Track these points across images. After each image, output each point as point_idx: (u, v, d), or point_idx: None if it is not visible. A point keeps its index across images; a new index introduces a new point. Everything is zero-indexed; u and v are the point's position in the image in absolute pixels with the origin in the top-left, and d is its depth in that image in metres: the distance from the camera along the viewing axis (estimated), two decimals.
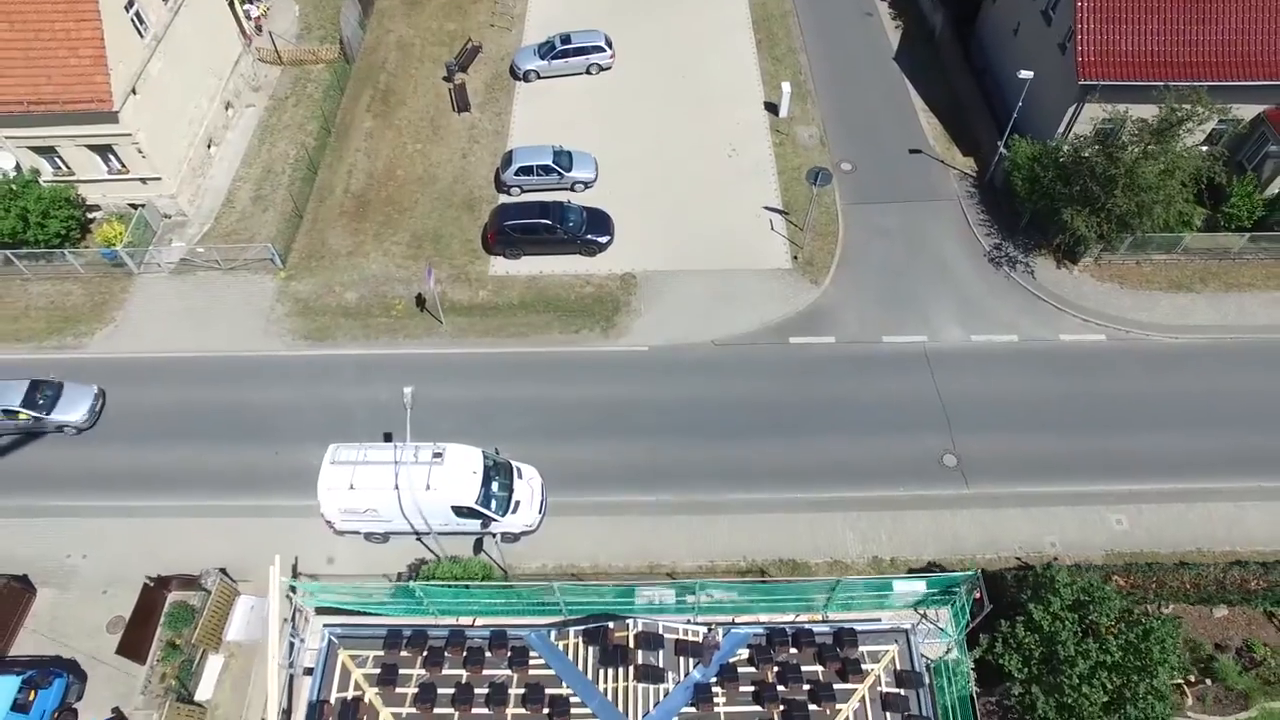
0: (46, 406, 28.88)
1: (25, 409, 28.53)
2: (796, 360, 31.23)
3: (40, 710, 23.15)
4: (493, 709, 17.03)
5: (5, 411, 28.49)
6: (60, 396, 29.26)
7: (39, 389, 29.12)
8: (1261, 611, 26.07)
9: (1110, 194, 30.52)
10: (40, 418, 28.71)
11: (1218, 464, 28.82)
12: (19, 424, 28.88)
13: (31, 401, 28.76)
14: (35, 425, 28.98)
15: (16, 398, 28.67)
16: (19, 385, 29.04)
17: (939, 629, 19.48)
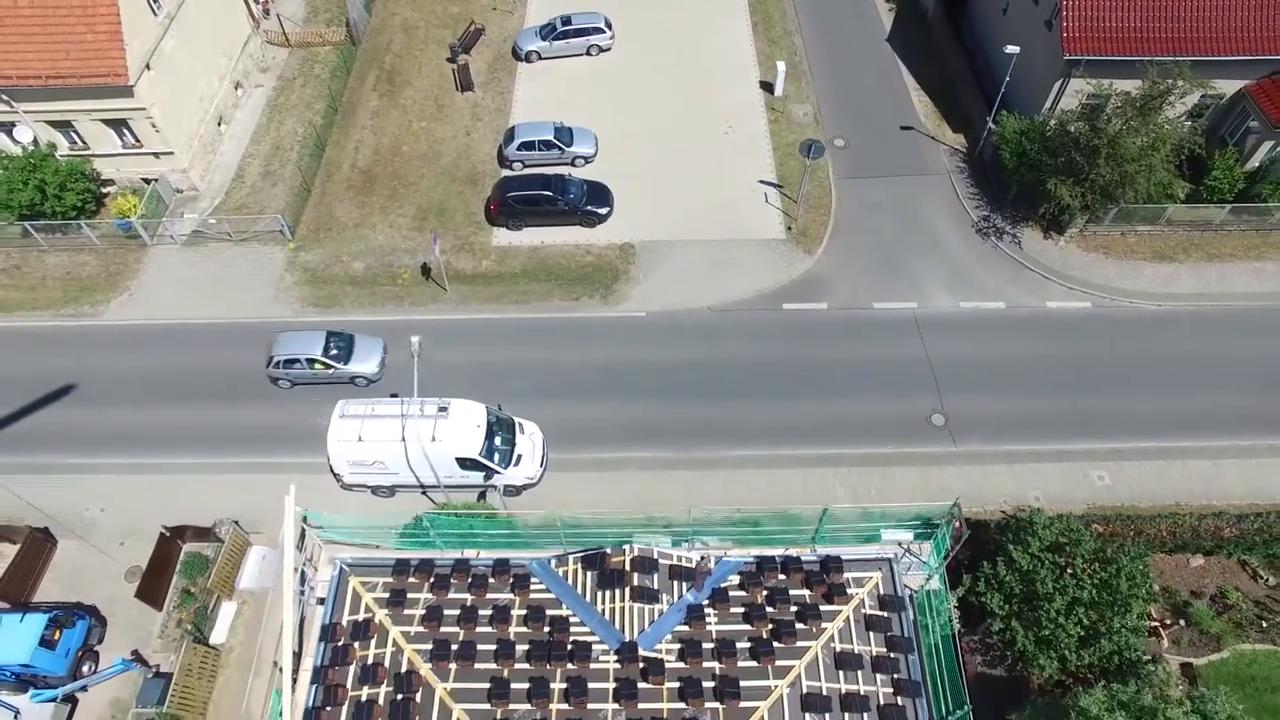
0: (342, 357, 29.66)
1: (325, 359, 29.29)
2: (790, 325, 32.22)
3: (65, 648, 24.15)
4: (496, 628, 18.03)
5: (309, 360, 29.32)
6: (353, 348, 30.00)
7: (333, 340, 29.87)
8: (1235, 560, 27.00)
9: (1094, 164, 31.49)
10: (337, 368, 29.47)
11: (1197, 424, 29.77)
12: (316, 374, 29.60)
13: (329, 352, 29.53)
14: (332, 375, 29.65)
15: (318, 348, 29.44)
16: (318, 335, 29.83)
17: (921, 562, 20.44)
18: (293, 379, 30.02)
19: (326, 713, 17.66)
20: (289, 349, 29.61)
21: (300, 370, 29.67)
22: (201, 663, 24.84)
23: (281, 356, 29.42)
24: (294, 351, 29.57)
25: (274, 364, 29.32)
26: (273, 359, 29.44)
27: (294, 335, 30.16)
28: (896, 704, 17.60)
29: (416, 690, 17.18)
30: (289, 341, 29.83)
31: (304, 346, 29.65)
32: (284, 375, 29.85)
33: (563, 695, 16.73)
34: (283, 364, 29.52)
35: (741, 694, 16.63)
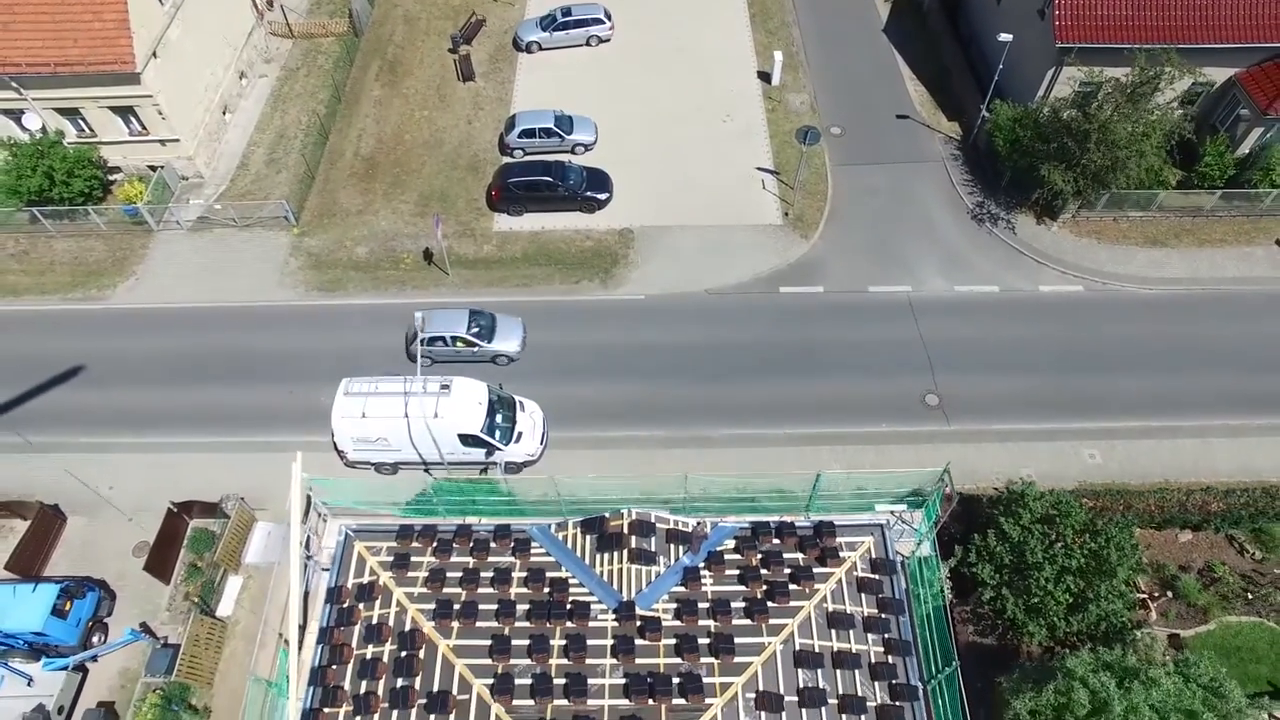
0: (485, 335, 30.03)
1: (469, 337, 29.72)
2: (786, 308, 32.73)
3: (76, 618, 24.67)
4: (497, 589, 18.53)
5: (454, 338, 29.70)
6: (495, 327, 30.39)
7: (476, 319, 30.22)
8: (1223, 536, 27.49)
9: (1085, 150, 31.99)
10: (480, 346, 29.85)
11: (1187, 404, 30.28)
12: (459, 351, 29.94)
13: (472, 330, 29.91)
14: (475, 353, 30.01)
15: (463, 326, 29.84)
16: (462, 314, 30.22)
17: (913, 529, 20.93)
18: (435, 356, 30.20)
19: (332, 670, 18.16)
20: (434, 327, 29.64)
21: (444, 348, 29.90)
22: (208, 634, 25.35)
23: (427, 334, 29.24)
24: (440, 329, 29.74)
25: (419, 341, 29.02)
26: (418, 336, 29.05)
27: (438, 314, 30.23)
28: (887, 662, 18.10)
29: (420, 647, 17.69)
30: (433, 320, 29.75)
31: (449, 325, 29.88)
32: (427, 353, 29.69)
33: (562, 651, 17.23)
34: (428, 341, 29.44)
35: (736, 650, 17.12)
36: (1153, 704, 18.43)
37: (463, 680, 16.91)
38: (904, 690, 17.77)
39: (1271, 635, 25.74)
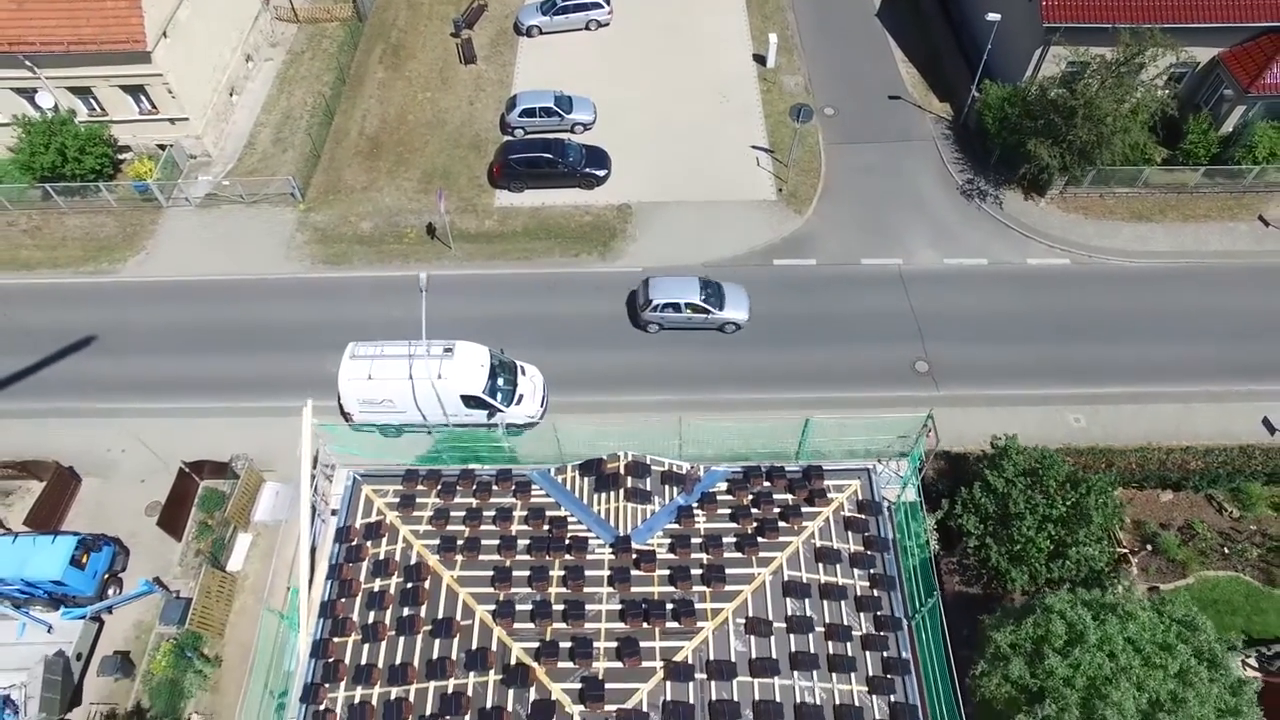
0: (716, 303, 30.57)
1: (702, 303, 30.28)
2: (780, 280, 33.59)
3: (93, 570, 25.54)
4: (498, 525, 19.37)
5: (687, 305, 30.28)
6: (724, 295, 30.92)
7: (706, 286, 30.72)
8: (1203, 496, 28.33)
9: (1071, 125, 32.85)
10: (712, 312, 30.41)
11: (1170, 371, 31.13)
12: (690, 318, 30.43)
13: (704, 297, 30.44)
14: (705, 320, 30.54)
15: (696, 293, 30.38)
16: (693, 281, 30.72)
17: (898, 476, 21.78)
18: (665, 322, 30.84)
19: (341, 604, 19.00)
20: (667, 293, 30.33)
21: (675, 314, 30.47)
22: (219, 586, 26.21)
23: (661, 300, 30.07)
24: (673, 296, 30.33)
25: (652, 307, 29.89)
26: (651, 302, 30.02)
27: (669, 280, 30.91)
28: (873, 595, 18.93)
29: (425, 579, 18.53)
30: (665, 286, 30.54)
31: (681, 291, 30.44)
32: (658, 319, 30.49)
33: (560, 581, 18.07)
34: (662, 307, 30.20)
35: (727, 579, 17.95)
36: (1127, 635, 19.24)
37: (466, 607, 17.75)
38: (888, 621, 18.60)
39: (1247, 588, 26.58)
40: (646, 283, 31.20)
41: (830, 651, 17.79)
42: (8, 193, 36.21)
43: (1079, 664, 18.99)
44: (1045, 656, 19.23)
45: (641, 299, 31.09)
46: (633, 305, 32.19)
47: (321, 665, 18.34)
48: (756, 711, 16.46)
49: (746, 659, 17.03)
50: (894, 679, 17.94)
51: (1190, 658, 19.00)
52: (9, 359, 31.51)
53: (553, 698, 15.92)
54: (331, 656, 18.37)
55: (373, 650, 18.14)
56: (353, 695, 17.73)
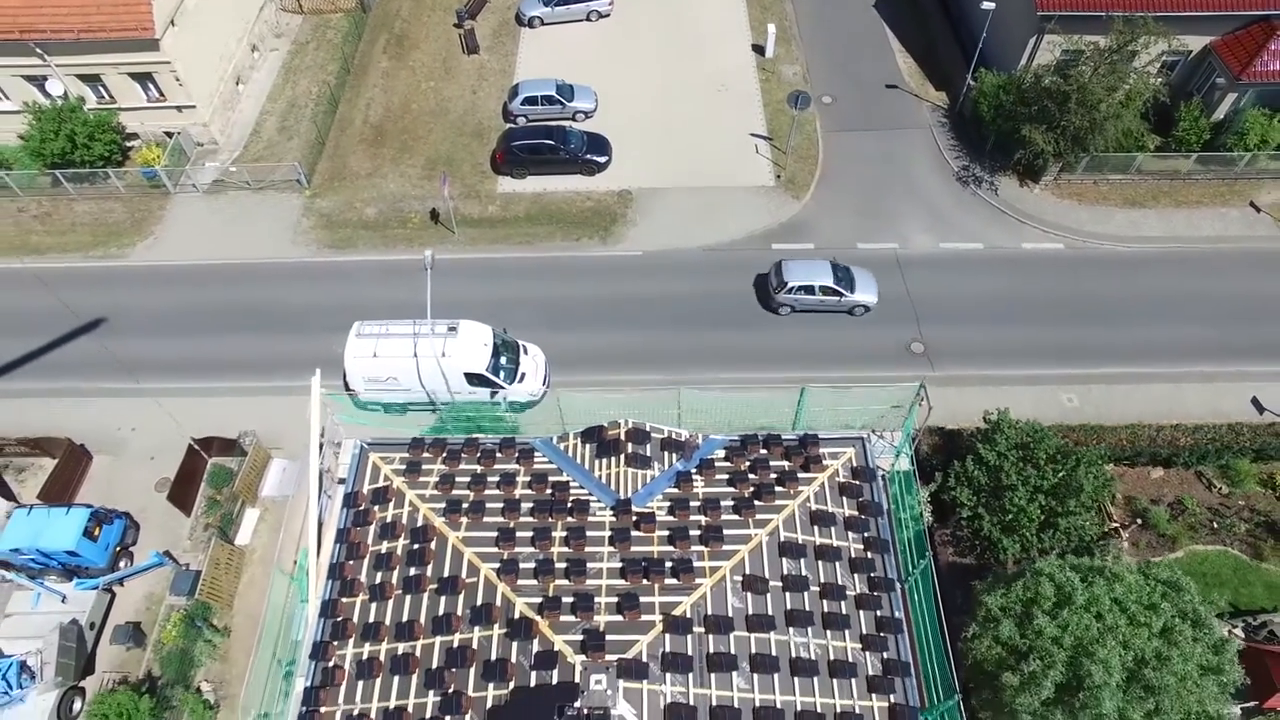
0: (847, 285, 31.20)
1: (835, 285, 30.94)
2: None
3: (105, 542, 26.08)
4: (502, 490, 19.92)
5: (821, 288, 30.99)
6: (854, 278, 31.47)
7: (837, 269, 31.39)
8: (1193, 472, 28.85)
9: (1064, 111, 33.39)
10: (843, 295, 31.06)
11: (1161, 353, 31.69)
12: (823, 300, 31.10)
13: (837, 280, 31.09)
14: (837, 303, 31.24)
15: (829, 276, 31.05)
16: (825, 265, 31.43)
17: (892, 447, 22.31)
18: (798, 305, 31.51)
19: (349, 566, 19.55)
20: (802, 276, 31.01)
21: (808, 297, 31.12)
22: (228, 559, 26.75)
23: (796, 283, 30.80)
24: (807, 279, 30.97)
25: (786, 290, 30.62)
26: (786, 285, 30.68)
27: (802, 264, 31.62)
28: (866, 557, 19.47)
29: (431, 540, 19.08)
30: (798, 269, 31.27)
31: (815, 274, 31.13)
32: (791, 301, 31.23)
33: (563, 541, 18.61)
34: (796, 290, 30.91)
35: (725, 540, 18.48)
36: (1113, 596, 19.79)
37: (471, 566, 18.29)
38: (881, 582, 19.15)
39: (1235, 562, 27.11)
40: (779, 266, 31.85)
41: (825, 609, 18.32)
42: (18, 179, 36.79)
43: (1067, 624, 19.53)
44: (1034, 618, 19.77)
45: (775, 282, 31.72)
46: (762, 288, 32.80)
47: (330, 624, 18.88)
48: (753, 664, 16.99)
49: (743, 615, 17.57)
50: (887, 637, 18.48)
51: (1174, 616, 19.54)
52: (22, 340, 32.07)
53: (555, 649, 16.46)
54: (340, 616, 18.92)
55: (380, 609, 18.69)
56: (361, 652, 18.27)
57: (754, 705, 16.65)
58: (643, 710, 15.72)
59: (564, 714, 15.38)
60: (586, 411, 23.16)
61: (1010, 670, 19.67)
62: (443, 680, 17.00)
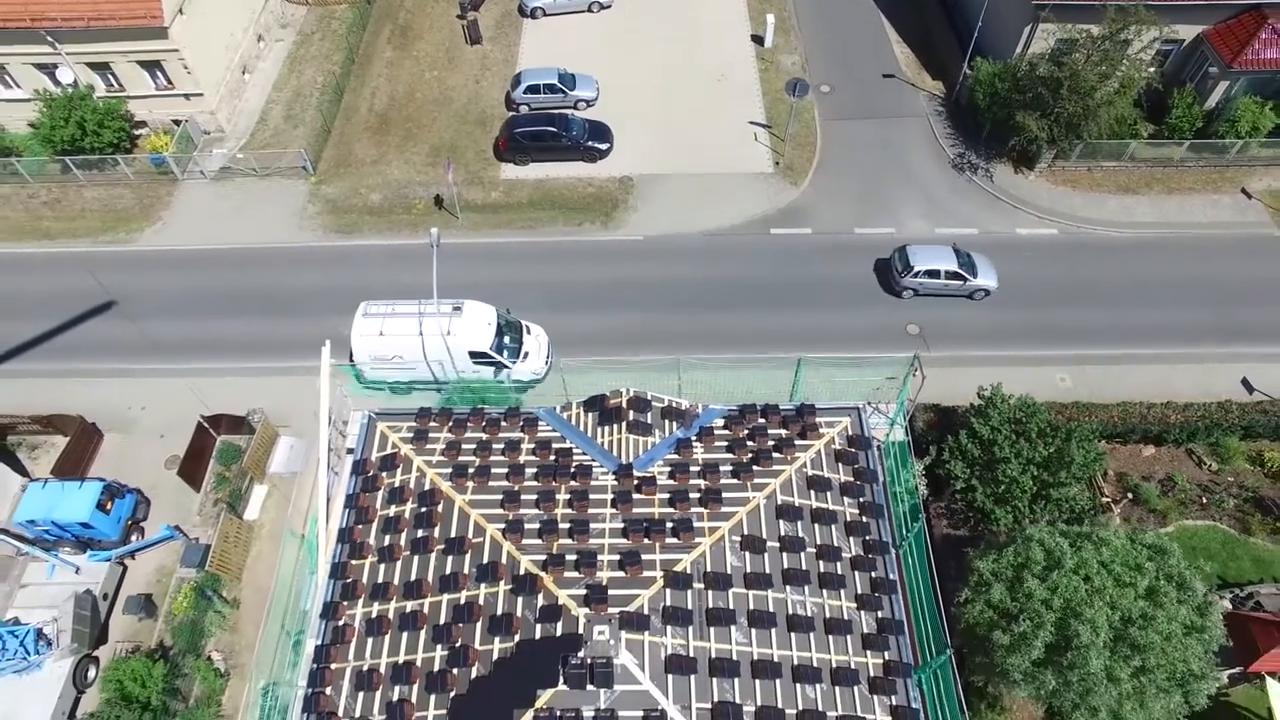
0: (970, 270, 32.05)
1: (960, 270, 31.88)
2: (777, 247, 34.73)
3: (117, 515, 26.65)
4: (507, 455, 20.49)
5: (946, 272, 31.85)
6: (976, 263, 32.28)
7: (959, 254, 32.23)
8: (1183, 450, 29.42)
9: (1057, 97, 33.98)
10: (967, 280, 31.92)
11: (1153, 334, 32.28)
12: (947, 285, 31.96)
13: (961, 264, 32.00)
14: (960, 287, 32.14)
15: (953, 261, 31.93)
16: (948, 250, 32.30)
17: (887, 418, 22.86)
18: (922, 289, 32.35)
19: (358, 530, 20.11)
20: (927, 261, 31.88)
21: (933, 281, 31.97)
22: (237, 533, 27.31)
23: (922, 267, 31.72)
24: (933, 263, 31.83)
25: (912, 274, 31.60)
26: (912, 269, 31.63)
27: (927, 249, 32.51)
28: (861, 521, 20.02)
29: (438, 503, 19.63)
30: (925, 254, 32.14)
31: (940, 259, 32.02)
32: (916, 284, 32.12)
33: (566, 503, 19.15)
34: (922, 274, 31.84)
35: (723, 502, 19.03)
36: (1101, 560, 20.35)
37: (477, 526, 18.84)
38: (876, 545, 19.70)
39: (1224, 536, 27.67)
40: (904, 251, 32.59)
41: (821, 570, 18.88)
42: (28, 166, 37.37)
43: (1056, 587, 20.09)
44: (1024, 581, 20.33)
45: (900, 266, 32.42)
46: (884, 271, 33.53)
47: (340, 585, 19.44)
48: (751, 619, 17.55)
49: (741, 573, 18.13)
50: (881, 597, 19.03)
51: (1158, 578, 20.10)
52: (33, 323, 32.61)
53: (559, 603, 17.02)
54: (350, 577, 19.48)
55: (389, 570, 19.25)
56: (370, 610, 18.84)
57: (752, 658, 17.19)
58: (644, 660, 16.26)
59: (568, 664, 15.96)
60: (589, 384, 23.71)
61: (1001, 631, 20.22)
62: (450, 635, 17.55)
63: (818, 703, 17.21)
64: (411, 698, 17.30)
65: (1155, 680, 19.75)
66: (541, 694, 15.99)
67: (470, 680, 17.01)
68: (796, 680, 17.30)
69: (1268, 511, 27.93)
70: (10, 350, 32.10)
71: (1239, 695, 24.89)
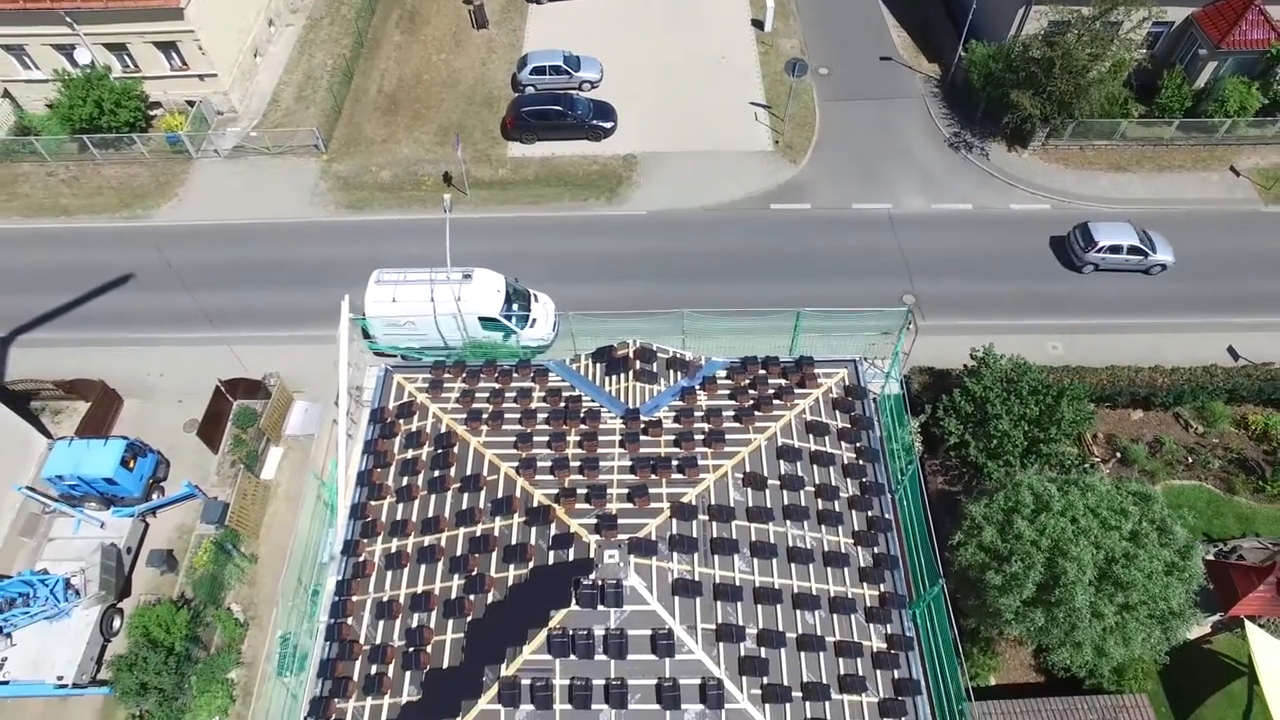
0: (1150, 246, 33.33)
1: (1141, 245, 33.17)
2: (776, 222, 35.70)
3: (139, 474, 27.58)
4: (520, 402, 21.42)
5: (1129, 247, 33.14)
6: (1154, 240, 33.56)
7: (1139, 231, 33.48)
8: (1170, 414, 30.37)
9: (1050, 75, 34.95)
10: (1149, 255, 33.33)
11: (1144, 305, 33.30)
12: (1127, 260, 33.42)
13: (1140, 239, 33.31)
14: (1139, 262, 33.53)
15: (1134, 236, 33.36)
16: (1127, 225, 33.71)
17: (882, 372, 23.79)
18: (1103, 263, 33.62)
19: (377, 473, 21.01)
20: (1110, 237, 33.35)
21: (1114, 256, 33.33)
22: (255, 490, 28.23)
23: (1106, 242, 33.16)
24: (1115, 239, 33.26)
25: (1096, 249, 33.05)
26: (1096, 244, 33.05)
27: (1108, 225, 33.91)
28: (858, 464, 20.91)
29: (454, 445, 20.53)
30: (1107, 230, 33.62)
31: (1122, 235, 33.46)
32: (1098, 259, 33.46)
33: (577, 444, 20.07)
34: (1106, 249, 33.24)
35: (726, 443, 19.96)
36: (1088, 504, 21.31)
37: (492, 465, 19.75)
38: (872, 486, 20.60)
39: (1209, 495, 28.62)
40: (1085, 227, 33.80)
41: (819, 507, 19.78)
42: (46, 144, 38.32)
43: (1044, 528, 21.08)
44: (1014, 524, 21.29)
45: (1082, 242, 33.60)
46: (1061, 246, 34.82)
47: (360, 524, 20.35)
48: (753, 550, 18.46)
49: (744, 507, 19.04)
50: (877, 534, 19.92)
51: (1142, 521, 21.05)
52: (53, 295, 33.54)
53: (571, 530, 17.93)
54: (369, 517, 20.39)
55: (406, 508, 20.15)
56: (389, 546, 19.75)
57: (754, 585, 18.10)
58: (652, 583, 17.16)
59: (579, 586, 16.87)
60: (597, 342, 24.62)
61: (994, 572, 21.17)
62: (467, 565, 18.46)
63: (816, 628, 18.10)
64: (430, 624, 18.21)
65: (1137, 616, 20.76)
66: (555, 614, 16.88)
67: (486, 605, 17.92)
68: (796, 607, 18.18)
69: (1251, 472, 28.89)
70: (32, 320, 33.05)
71: (1221, 644, 25.83)
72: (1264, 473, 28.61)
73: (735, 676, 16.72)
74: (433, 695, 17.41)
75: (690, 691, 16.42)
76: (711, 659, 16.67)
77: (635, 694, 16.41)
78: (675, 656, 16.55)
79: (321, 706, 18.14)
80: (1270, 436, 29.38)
